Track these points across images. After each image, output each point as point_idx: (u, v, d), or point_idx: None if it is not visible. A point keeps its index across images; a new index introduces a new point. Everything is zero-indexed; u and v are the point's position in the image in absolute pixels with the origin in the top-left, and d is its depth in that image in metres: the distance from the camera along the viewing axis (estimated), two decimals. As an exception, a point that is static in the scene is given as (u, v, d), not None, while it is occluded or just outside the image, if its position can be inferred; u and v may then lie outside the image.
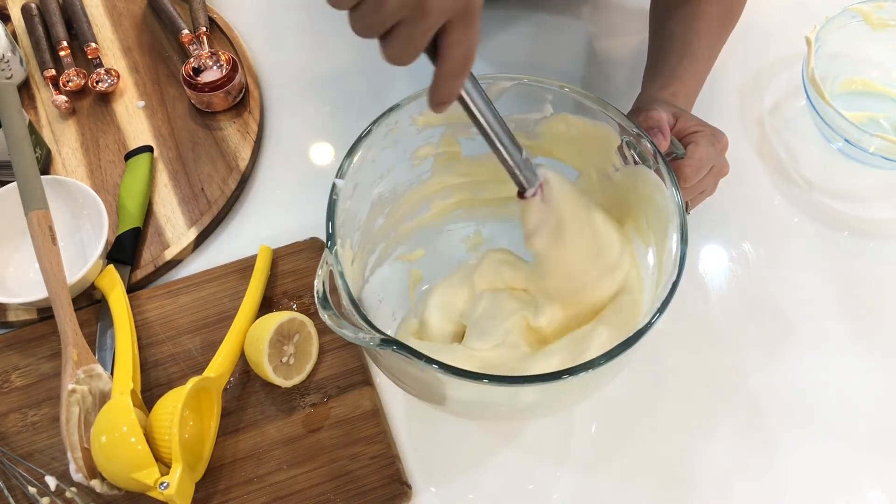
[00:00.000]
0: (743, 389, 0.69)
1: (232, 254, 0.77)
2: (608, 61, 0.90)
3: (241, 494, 0.64)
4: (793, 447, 0.67)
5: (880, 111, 0.84)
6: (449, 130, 0.67)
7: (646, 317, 0.54)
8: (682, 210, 0.57)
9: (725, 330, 0.73)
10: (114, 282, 0.72)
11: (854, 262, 0.76)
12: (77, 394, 0.63)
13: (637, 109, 0.69)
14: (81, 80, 0.86)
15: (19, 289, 0.73)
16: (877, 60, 0.85)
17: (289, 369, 0.67)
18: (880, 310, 0.74)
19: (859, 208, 0.80)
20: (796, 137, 0.84)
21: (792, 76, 0.87)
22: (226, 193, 0.79)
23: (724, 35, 0.78)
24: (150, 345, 0.71)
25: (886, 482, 0.65)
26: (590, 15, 0.93)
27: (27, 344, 0.71)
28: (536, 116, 0.65)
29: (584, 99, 0.62)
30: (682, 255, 0.55)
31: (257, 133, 0.83)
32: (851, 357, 0.71)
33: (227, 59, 0.84)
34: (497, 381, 0.51)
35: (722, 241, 0.78)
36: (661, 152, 0.59)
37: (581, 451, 0.67)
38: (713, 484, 0.65)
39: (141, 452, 0.58)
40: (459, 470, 0.66)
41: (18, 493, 0.63)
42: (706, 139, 0.64)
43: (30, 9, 0.91)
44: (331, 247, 0.54)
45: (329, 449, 0.65)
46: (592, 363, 0.51)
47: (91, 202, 0.74)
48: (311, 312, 0.71)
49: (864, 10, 0.81)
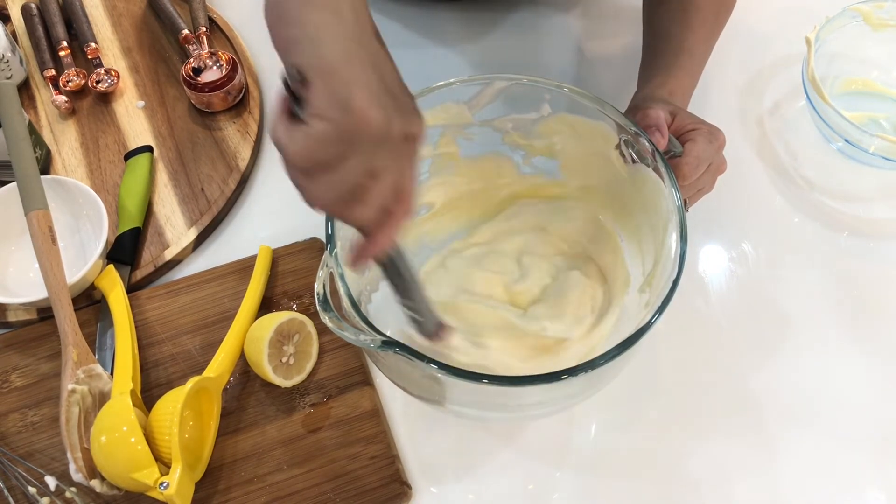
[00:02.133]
0: (743, 389, 0.69)
1: (232, 254, 0.77)
2: (600, 60, 0.90)
3: (240, 494, 0.64)
4: (793, 447, 0.67)
5: (880, 111, 0.84)
6: (447, 131, 0.67)
7: (646, 316, 0.54)
8: (682, 209, 0.57)
9: (725, 330, 0.73)
10: (114, 282, 0.72)
11: (854, 262, 0.76)
12: (77, 394, 0.63)
13: (634, 108, 0.69)
14: (81, 80, 0.86)
15: (19, 289, 0.73)
16: (877, 60, 0.85)
17: (289, 369, 0.67)
18: (880, 310, 0.74)
19: (859, 208, 0.80)
20: (796, 137, 0.84)
21: (792, 76, 0.87)
22: (226, 193, 0.79)
23: (718, 28, 0.77)
24: (150, 345, 0.71)
25: (886, 482, 0.65)
26: (581, 13, 0.93)
27: (27, 344, 0.71)
28: (534, 116, 0.65)
29: (582, 98, 0.62)
30: (681, 254, 0.55)
31: (257, 133, 0.83)
32: (851, 357, 0.71)
33: (227, 59, 0.84)
34: (497, 382, 0.51)
35: (722, 241, 0.77)
36: (659, 151, 0.59)
37: (581, 451, 0.67)
38: (713, 484, 0.65)
39: (141, 452, 0.58)
40: (459, 470, 0.66)
41: (18, 493, 0.63)
42: (704, 136, 0.64)
43: (30, 9, 0.91)
44: (331, 249, 0.54)
45: (329, 449, 0.65)
46: (592, 363, 0.51)
47: (91, 202, 0.74)
48: (311, 312, 0.71)
49: (864, 10, 0.81)
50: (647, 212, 0.62)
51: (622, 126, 0.61)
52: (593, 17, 0.93)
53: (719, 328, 0.73)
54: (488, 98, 0.64)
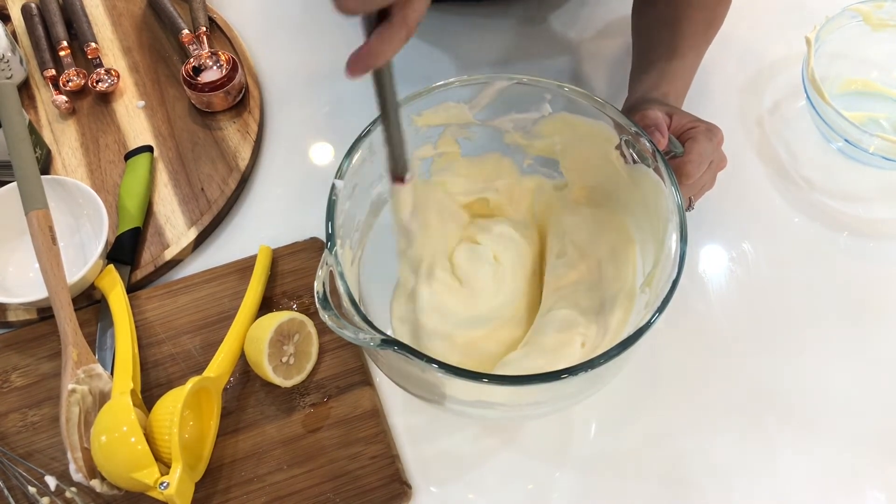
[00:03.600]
0: (743, 389, 0.69)
1: (232, 254, 0.77)
2: (600, 60, 0.89)
3: (240, 494, 0.64)
4: (793, 447, 0.67)
5: (880, 111, 0.84)
6: (447, 131, 0.67)
7: (645, 316, 0.54)
8: (682, 209, 0.57)
9: (725, 330, 0.72)
10: (114, 282, 0.72)
11: (854, 262, 0.76)
12: (77, 394, 0.63)
13: (630, 109, 0.69)
14: (81, 80, 0.86)
15: (19, 289, 0.73)
16: (877, 60, 0.85)
17: (289, 369, 0.67)
18: (880, 310, 0.74)
19: (859, 208, 0.80)
20: (796, 137, 0.84)
21: (792, 76, 0.87)
22: (226, 193, 0.79)
23: (711, 33, 0.77)
24: (150, 345, 0.71)
25: (886, 482, 0.65)
26: (582, 13, 0.93)
27: (27, 344, 0.71)
28: (535, 116, 0.66)
29: (583, 98, 0.62)
30: (681, 254, 0.55)
31: (257, 133, 0.83)
32: (851, 357, 0.71)
33: (227, 59, 0.84)
34: (497, 381, 0.51)
35: (722, 241, 0.78)
36: (659, 151, 0.59)
37: (581, 451, 0.67)
38: (713, 484, 0.65)
39: (141, 452, 0.58)
40: (459, 470, 0.66)
41: (18, 493, 0.63)
42: (703, 134, 0.64)
43: (30, 9, 0.91)
44: (330, 248, 0.54)
45: (329, 449, 0.65)
46: (592, 363, 0.51)
47: (91, 202, 0.74)
48: (311, 312, 0.71)
49: (864, 10, 0.81)
50: (648, 212, 0.62)
51: (622, 126, 0.61)
52: (594, 17, 0.93)
53: (719, 328, 0.73)
54: (488, 98, 0.64)
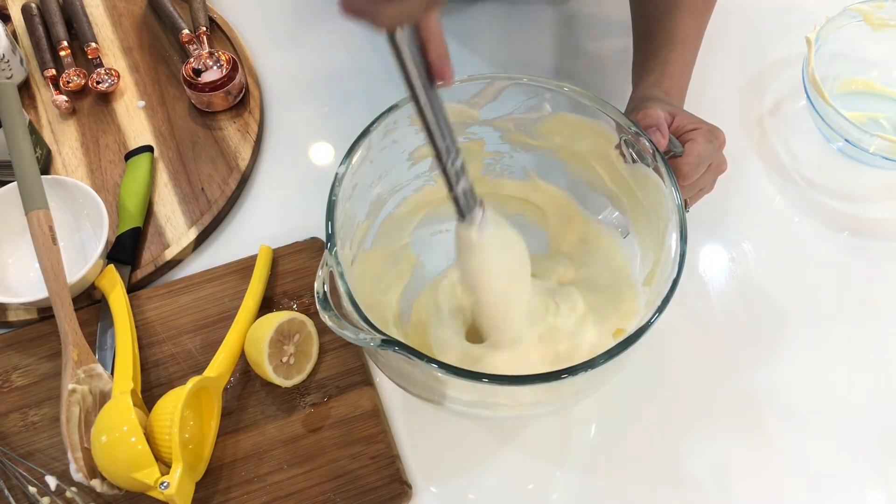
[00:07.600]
0: (743, 389, 0.69)
1: (232, 254, 0.77)
2: (600, 60, 0.89)
3: (241, 494, 0.64)
4: (793, 447, 0.67)
5: (880, 111, 0.84)
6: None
7: (645, 316, 0.54)
8: (682, 208, 0.57)
9: (725, 330, 0.73)
10: (114, 282, 0.72)
11: (854, 263, 0.76)
12: (77, 393, 0.63)
13: (632, 109, 0.69)
14: (81, 80, 0.86)
15: (19, 289, 0.73)
16: (877, 60, 0.85)
17: (289, 369, 0.67)
18: (880, 310, 0.74)
19: (859, 208, 0.80)
20: (796, 137, 0.84)
21: (792, 76, 0.87)
22: (226, 193, 0.79)
23: (707, 14, 0.77)
24: (151, 345, 0.71)
25: (886, 482, 0.65)
26: (582, 13, 0.93)
27: (27, 344, 0.71)
28: (535, 116, 0.65)
29: (582, 98, 0.62)
30: (681, 254, 0.55)
31: (257, 133, 0.83)
32: (851, 357, 0.71)
33: (227, 59, 0.84)
34: (497, 381, 0.51)
35: (722, 241, 0.78)
36: (659, 151, 0.59)
37: (581, 451, 0.67)
38: (713, 484, 0.65)
39: (141, 452, 0.58)
40: (459, 470, 0.66)
41: (18, 493, 0.63)
42: (704, 136, 0.64)
43: (30, 9, 0.91)
44: (330, 248, 0.54)
45: (329, 449, 0.65)
46: (592, 362, 0.51)
47: (91, 202, 0.74)
48: (312, 312, 0.71)
49: (864, 10, 0.81)
50: (647, 211, 0.62)
51: (622, 126, 0.61)
52: (594, 17, 0.93)
53: (719, 328, 0.73)
54: (489, 97, 0.64)
